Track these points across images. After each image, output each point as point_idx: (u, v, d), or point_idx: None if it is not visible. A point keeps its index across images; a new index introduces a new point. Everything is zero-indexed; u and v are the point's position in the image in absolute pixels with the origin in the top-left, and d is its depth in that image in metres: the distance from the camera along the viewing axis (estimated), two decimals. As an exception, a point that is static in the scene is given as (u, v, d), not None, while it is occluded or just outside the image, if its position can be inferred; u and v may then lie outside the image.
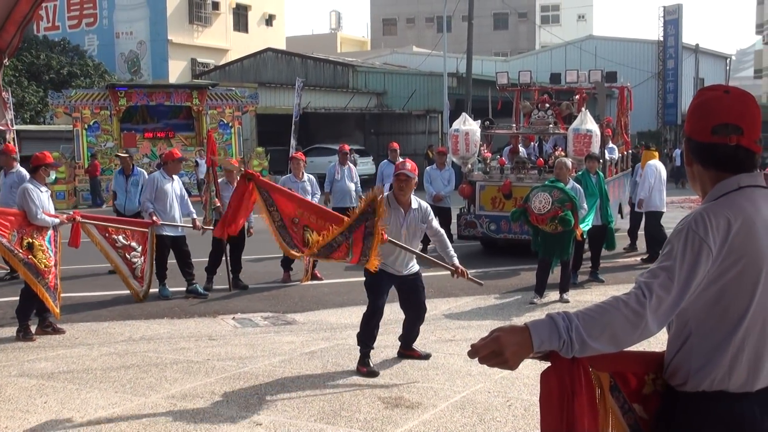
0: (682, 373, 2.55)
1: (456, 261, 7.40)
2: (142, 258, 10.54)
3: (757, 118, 2.55)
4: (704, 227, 2.42)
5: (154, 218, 10.56)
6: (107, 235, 10.43)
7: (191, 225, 11.10)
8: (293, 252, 7.37)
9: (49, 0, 42.18)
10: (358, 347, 7.32)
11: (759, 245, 2.44)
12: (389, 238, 6.94)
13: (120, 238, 10.45)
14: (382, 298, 7.38)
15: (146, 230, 10.61)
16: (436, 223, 7.64)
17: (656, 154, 14.15)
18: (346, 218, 6.98)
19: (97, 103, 27.74)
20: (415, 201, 7.32)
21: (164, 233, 10.78)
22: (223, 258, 11.35)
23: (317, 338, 8.56)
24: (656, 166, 13.29)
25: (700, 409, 2.51)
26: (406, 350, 7.69)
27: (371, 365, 7.21)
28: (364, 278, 7.53)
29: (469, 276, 7.50)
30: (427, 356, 7.66)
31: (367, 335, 7.30)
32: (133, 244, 10.49)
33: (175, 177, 11.08)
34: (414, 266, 7.44)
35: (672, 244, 2.47)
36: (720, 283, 2.44)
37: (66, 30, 45.76)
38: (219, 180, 11.61)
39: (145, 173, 12.74)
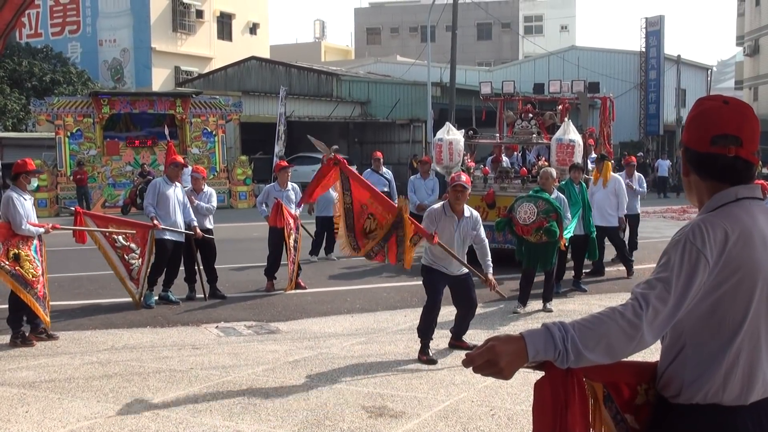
0: (675, 385, 2.54)
1: (490, 272, 8.16)
2: (140, 260, 10.49)
3: (756, 130, 2.54)
4: (702, 238, 2.41)
5: (155, 222, 10.54)
6: (108, 234, 10.36)
7: (192, 232, 11.06)
8: (348, 250, 8.36)
9: (32, 7, 41.98)
10: (419, 338, 7.97)
11: (756, 257, 2.43)
12: (440, 242, 7.79)
13: (120, 238, 10.39)
14: (438, 295, 8.07)
15: (146, 233, 10.57)
16: (483, 232, 8.30)
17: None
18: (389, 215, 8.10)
19: (80, 110, 27.59)
20: (468, 210, 8.12)
21: (165, 237, 10.75)
22: (198, 267, 11.33)
23: (301, 347, 8.55)
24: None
25: (693, 422, 2.50)
26: (457, 341, 8.36)
27: (430, 354, 7.90)
28: (356, 287, 7.59)
29: (497, 289, 8.29)
30: (473, 348, 7.95)
31: (426, 328, 7.97)
32: (133, 245, 10.44)
33: (178, 184, 11.07)
34: (465, 268, 8.08)
35: (669, 255, 2.45)
36: (716, 295, 2.43)
37: (49, 37, 45.58)
38: (186, 188, 11.57)
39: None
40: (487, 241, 8.36)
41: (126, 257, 10.44)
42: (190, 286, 11.40)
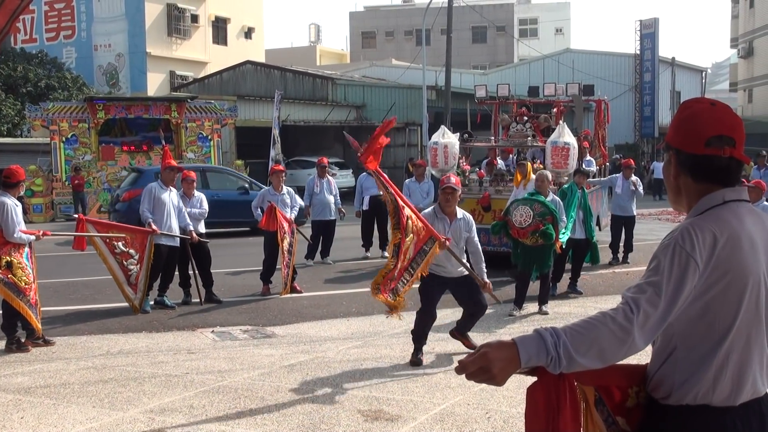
0: (666, 387, 2.55)
1: (485, 276, 8.09)
2: (139, 266, 10.49)
3: (743, 130, 2.57)
4: (691, 242, 2.42)
5: (153, 227, 10.54)
6: (108, 240, 10.36)
7: (188, 236, 11.06)
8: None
9: (26, 12, 41.90)
10: (412, 341, 7.98)
11: (744, 260, 2.45)
12: (449, 246, 7.65)
13: (120, 244, 10.39)
14: (433, 306, 8.03)
15: (145, 238, 10.57)
16: (476, 236, 8.23)
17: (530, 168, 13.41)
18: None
19: (75, 116, 27.51)
20: (460, 212, 8.08)
21: (161, 242, 10.74)
22: (193, 271, 11.32)
23: (297, 351, 8.54)
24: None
25: (684, 423, 2.51)
26: (460, 335, 8.33)
27: (418, 357, 7.87)
28: (352, 291, 7.62)
29: (492, 293, 8.24)
30: (474, 348, 7.94)
31: (418, 334, 7.97)
32: (132, 251, 10.43)
33: (173, 188, 11.07)
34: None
35: (659, 259, 2.46)
36: (705, 298, 2.44)
37: (44, 42, 45.50)
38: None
39: None
40: (479, 246, 8.29)
41: (125, 263, 10.43)
42: (185, 291, 11.39)
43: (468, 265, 8.04)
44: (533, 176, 12.75)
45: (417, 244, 7.54)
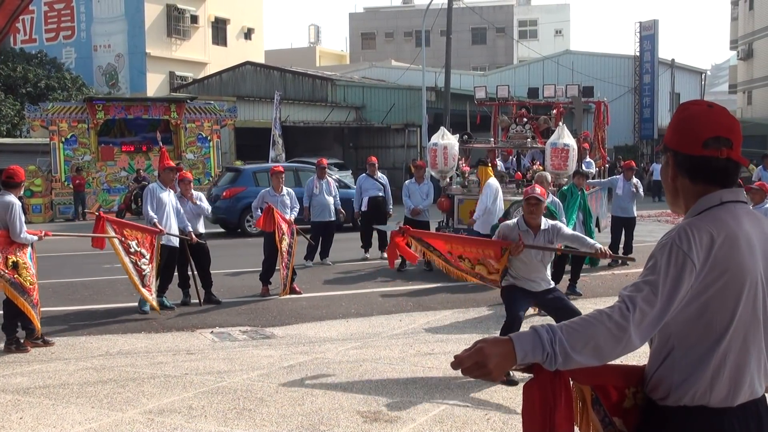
0: (663, 387, 2.55)
1: (595, 244, 7.44)
2: (150, 266, 10.48)
3: (741, 132, 2.58)
4: (688, 242, 2.43)
5: (159, 227, 10.53)
6: (123, 239, 10.34)
7: (188, 237, 11.05)
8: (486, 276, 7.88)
9: (26, 13, 41.85)
10: None
11: (741, 260, 2.45)
12: (525, 244, 7.26)
13: (133, 243, 10.35)
14: (516, 310, 7.42)
15: (154, 238, 10.56)
16: (568, 230, 7.74)
17: (491, 171, 13.45)
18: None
19: (75, 116, 27.53)
20: (545, 222, 7.49)
21: (162, 243, 10.74)
22: (192, 272, 11.32)
23: (296, 352, 8.54)
24: (493, 185, 12.75)
25: (681, 424, 2.51)
26: None
27: (511, 374, 6.96)
28: (351, 292, 7.57)
29: (613, 254, 7.86)
30: None
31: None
32: (143, 251, 10.42)
33: (171, 189, 11.07)
34: (550, 282, 7.63)
35: (656, 258, 2.47)
36: (703, 298, 2.44)
37: (43, 43, 45.49)
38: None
39: None
40: (577, 233, 7.87)
41: (139, 263, 10.39)
42: (185, 292, 11.39)
43: (554, 248, 7.54)
44: (489, 181, 12.65)
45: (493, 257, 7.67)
